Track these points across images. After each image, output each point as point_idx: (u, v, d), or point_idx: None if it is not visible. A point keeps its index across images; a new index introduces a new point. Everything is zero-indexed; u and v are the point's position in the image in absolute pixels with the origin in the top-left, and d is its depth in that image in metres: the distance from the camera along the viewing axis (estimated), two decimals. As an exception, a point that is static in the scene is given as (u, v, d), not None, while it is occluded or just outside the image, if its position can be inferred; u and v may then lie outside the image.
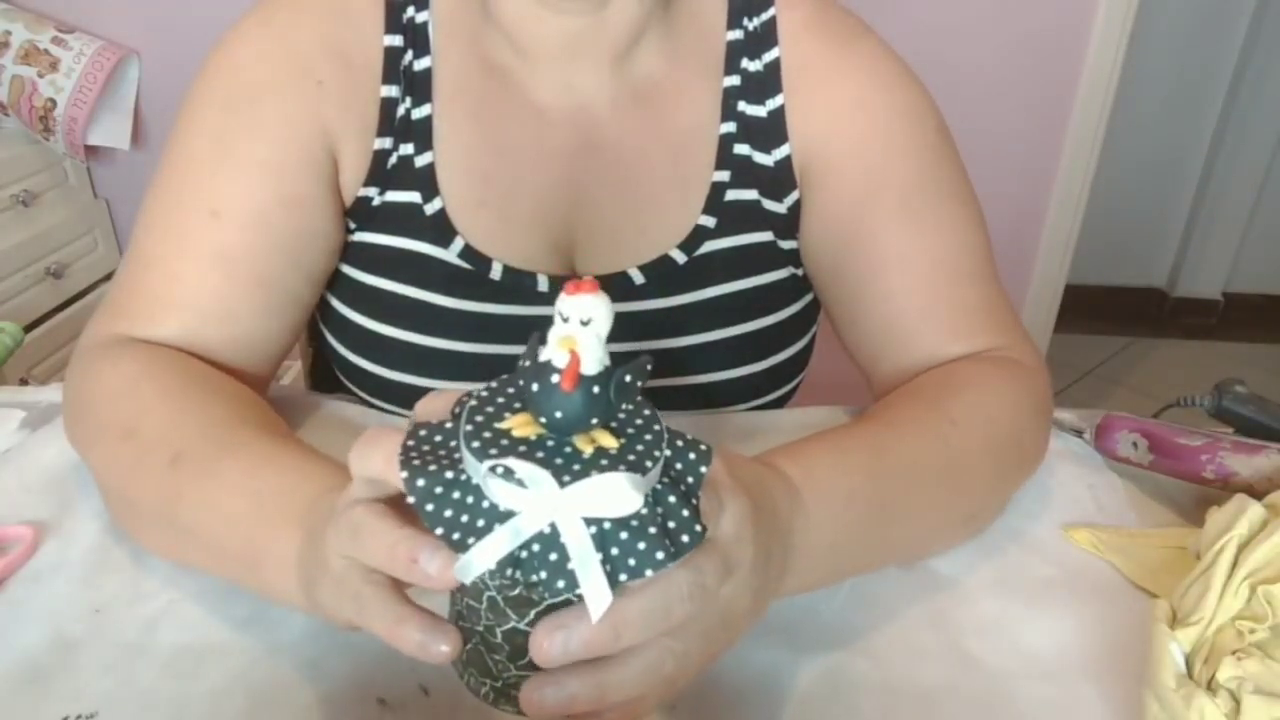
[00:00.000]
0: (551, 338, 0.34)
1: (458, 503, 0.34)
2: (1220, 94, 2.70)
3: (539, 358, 0.34)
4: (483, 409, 0.36)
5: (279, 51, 0.61)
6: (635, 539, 0.33)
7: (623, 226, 0.66)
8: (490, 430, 0.35)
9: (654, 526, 0.34)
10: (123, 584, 0.53)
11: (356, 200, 0.64)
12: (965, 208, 0.65)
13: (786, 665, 0.48)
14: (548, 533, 0.33)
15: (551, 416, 0.34)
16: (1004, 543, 0.58)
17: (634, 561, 0.33)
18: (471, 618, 0.36)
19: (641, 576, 0.34)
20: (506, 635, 0.36)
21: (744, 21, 0.66)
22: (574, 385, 0.33)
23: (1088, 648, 0.51)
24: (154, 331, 0.59)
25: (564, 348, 0.34)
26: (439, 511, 0.34)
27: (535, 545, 0.33)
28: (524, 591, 0.35)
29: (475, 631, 0.37)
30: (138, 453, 0.51)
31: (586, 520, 0.33)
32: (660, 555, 0.33)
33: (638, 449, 0.35)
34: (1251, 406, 0.63)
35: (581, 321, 0.33)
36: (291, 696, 0.46)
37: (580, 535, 0.33)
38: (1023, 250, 2.03)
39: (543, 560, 0.33)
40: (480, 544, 0.33)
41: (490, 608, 0.36)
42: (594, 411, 0.34)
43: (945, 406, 0.56)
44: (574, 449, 0.34)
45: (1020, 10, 1.80)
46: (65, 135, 1.65)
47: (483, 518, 0.33)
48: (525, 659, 0.36)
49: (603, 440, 0.35)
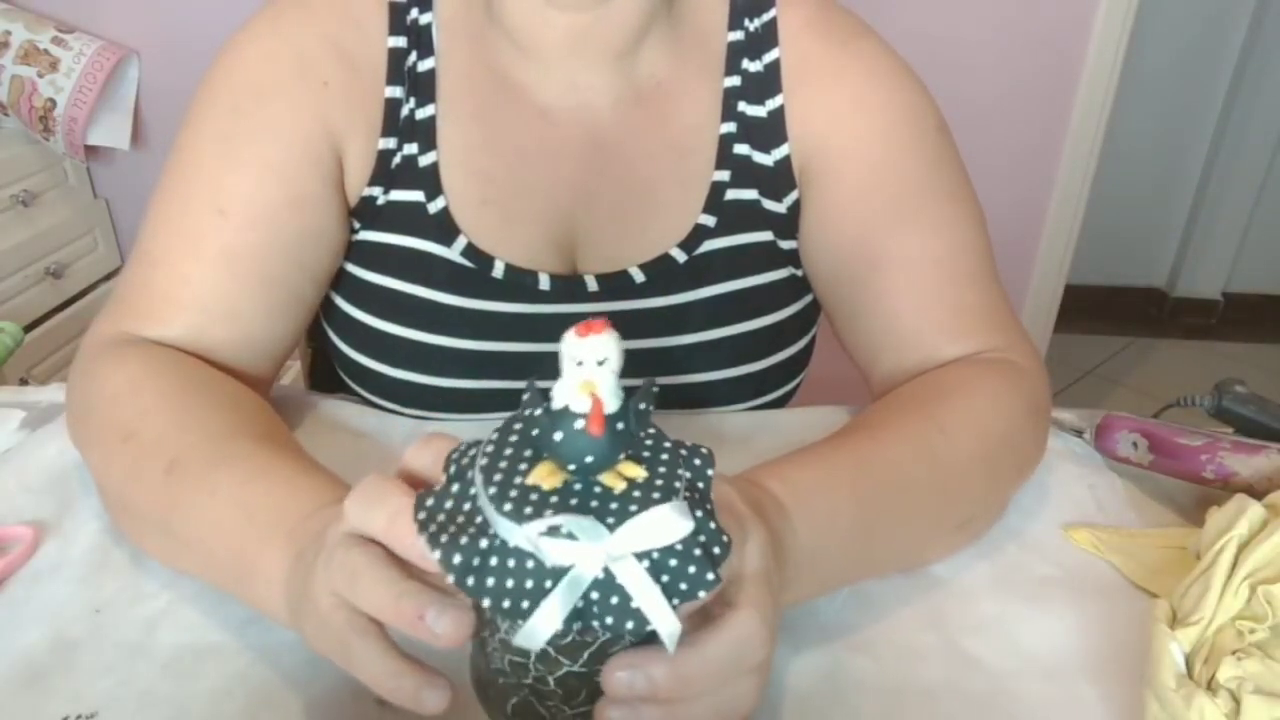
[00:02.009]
0: (568, 382, 0.33)
1: (499, 569, 0.33)
2: (1220, 94, 2.70)
3: (551, 404, 0.34)
4: (495, 466, 0.35)
5: (285, 53, 0.61)
6: (684, 564, 0.33)
7: (624, 225, 0.66)
8: (514, 488, 0.34)
9: (698, 548, 0.34)
10: (123, 584, 0.53)
11: (361, 200, 0.64)
12: (965, 207, 0.65)
13: (786, 665, 0.48)
14: (603, 578, 0.33)
15: (582, 463, 0.34)
16: (1004, 542, 0.58)
17: (686, 586, 0.33)
18: (518, 672, 0.36)
19: (695, 599, 0.33)
20: (559, 680, 0.35)
21: (745, 22, 0.66)
22: (603, 428, 0.33)
23: (1088, 648, 0.51)
24: (159, 331, 0.59)
25: (585, 392, 0.33)
26: (481, 582, 0.33)
27: (594, 593, 0.33)
28: (576, 637, 0.34)
29: (523, 685, 0.36)
30: (136, 456, 0.51)
31: (637, 555, 0.33)
32: (710, 576, 0.33)
33: (661, 472, 0.35)
34: (1251, 406, 0.63)
35: (598, 362, 0.33)
36: (291, 696, 0.46)
37: (639, 574, 0.33)
38: (1023, 250, 2.03)
39: (604, 606, 0.33)
40: (542, 607, 0.32)
41: (541, 659, 0.35)
42: (622, 447, 0.34)
43: (934, 413, 0.56)
44: (604, 488, 0.34)
45: (1020, 10, 1.80)
46: (65, 135, 1.65)
47: (530, 579, 0.33)
48: (580, 698, 0.36)
49: (629, 472, 0.35)
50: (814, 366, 0.76)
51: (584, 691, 0.36)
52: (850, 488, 0.49)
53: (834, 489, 0.48)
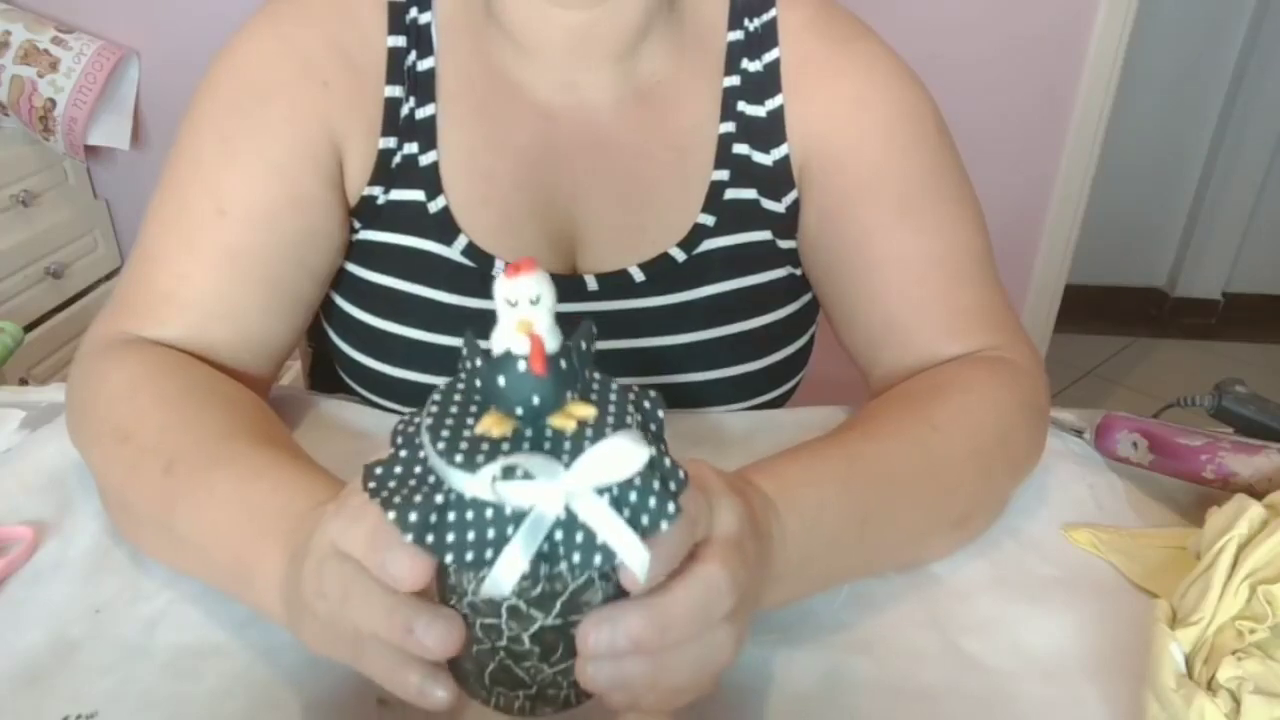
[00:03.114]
0: (503, 326, 0.33)
1: (457, 523, 0.32)
2: (1220, 94, 2.70)
3: (491, 352, 0.33)
4: (442, 424, 0.34)
5: (285, 53, 0.61)
6: (644, 498, 0.33)
7: (623, 224, 0.66)
8: (464, 440, 0.33)
9: (656, 481, 0.33)
10: (123, 584, 0.53)
11: (361, 199, 0.64)
12: (964, 207, 0.65)
13: (786, 665, 0.48)
14: (565, 518, 0.32)
15: (529, 404, 0.33)
16: (1003, 542, 0.58)
17: (648, 519, 0.33)
18: (491, 636, 0.35)
19: (658, 532, 0.33)
20: (534, 637, 0.35)
21: (745, 22, 0.66)
22: (545, 366, 0.33)
23: (1088, 648, 0.51)
24: (158, 330, 0.59)
25: (522, 332, 0.33)
26: (441, 538, 0.32)
27: (558, 534, 0.32)
28: (546, 585, 0.34)
29: (498, 649, 0.35)
30: (134, 457, 0.51)
31: (597, 492, 0.32)
32: (671, 507, 0.33)
33: (612, 411, 0.34)
34: (1251, 406, 0.63)
35: (531, 301, 0.33)
36: (291, 696, 0.46)
37: (601, 507, 0.32)
38: (1023, 250, 2.03)
39: (569, 544, 0.32)
40: (505, 552, 0.32)
41: (512, 616, 0.34)
42: (567, 386, 0.34)
43: (927, 411, 0.56)
44: (555, 431, 0.34)
45: (1020, 9, 1.80)
46: (65, 135, 1.65)
47: (491, 528, 0.32)
48: (558, 653, 0.35)
49: (579, 412, 0.34)
50: (814, 366, 0.76)
51: (561, 646, 0.35)
52: (839, 482, 0.49)
53: (822, 483, 0.48)
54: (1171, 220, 2.89)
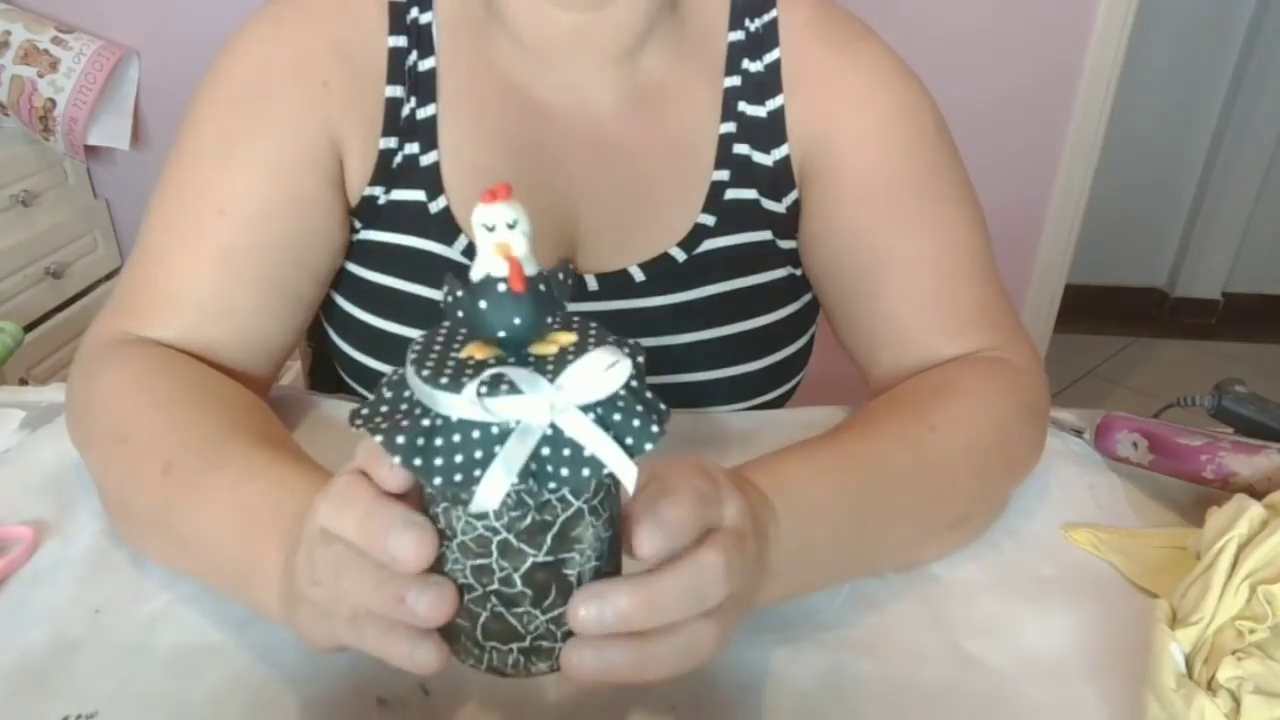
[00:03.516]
0: (482, 252, 0.33)
1: (445, 446, 0.32)
2: (1220, 94, 2.71)
3: (472, 280, 0.34)
4: (426, 356, 0.34)
5: (285, 53, 0.61)
6: (629, 417, 0.33)
7: (624, 225, 0.66)
8: (449, 366, 0.33)
9: (639, 404, 0.33)
10: (123, 584, 0.53)
11: (362, 200, 0.64)
12: (964, 207, 0.65)
13: (787, 665, 0.48)
14: (551, 435, 0.32)
15: (510, 325, 0.33)
16: (1003, 542, 0.58)
17: (633, 440, 0.33)
18: (482, 579, 0.35)
19: (643, 452, 0.33)
20: (526, 577, 0.35)
21: (746, 22, 0.66)
22: (524, 285, 0.33)
23: (1088, 648, 0.51)
24: (158, 330, 0.59)
25: (500, 254, 0.33)
26: (430, 461, 0.32)
27: (545, 450, 0.32)
28: (536, 516, 0.34)
29: (489, 595, 0.35)
30: (133, 458, 0.51)
31: (583, 410, 0.33)
32: (654, 428, 0.33)
33: (592, 337, 0.35)
34: (1251, 406, 0.63)
35: (509, 225, 0.33)
36: (291, 696, 0.46)
37: (586, 422, 0.32)
38: (1023, 250, 2.03)
39: (557, 460, 0.32)
40: (493, 466, 0.32)
41: (503, 553, 0.34)
42: (547, 309, 0.34)
43: (925, 411, 0.56)
44: (538, 358, 0.34)
45: (1020, 10, 1.80)
46: (65, 135, 1.65)
47: (478, 448, 0.32)
48: (550, 597, 0.35)
49: (562, 340, 0.35)
50: (814, 366, 0.76)
51: (554, 589, 0.35)
52: (835, 481, 0.49)
53: (818, 482, 0.48)
54: (1171, 220, 2.89)
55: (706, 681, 0.47)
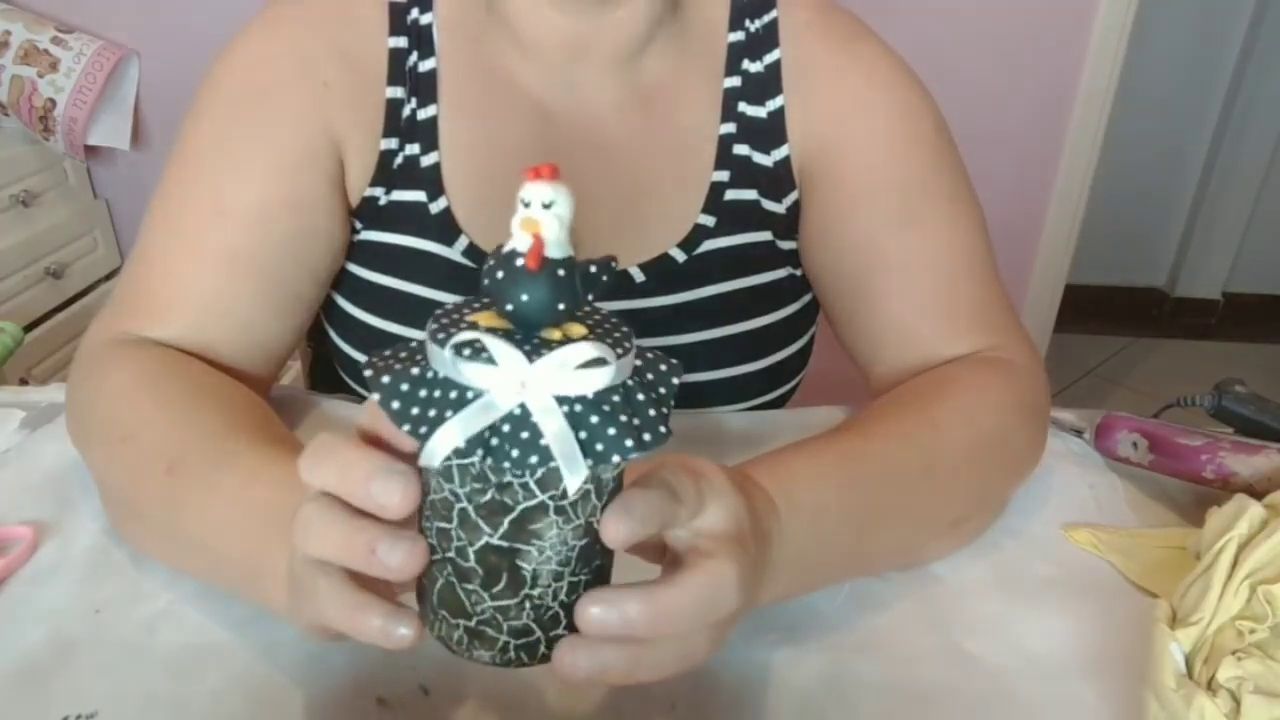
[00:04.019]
0: (514, 225, 0.33)
1: (425, 399, 0.33)
2: (1220, 94, 2.71)
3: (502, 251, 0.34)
4: (448, 315, 0.35)
5: (286, 54, 0.61)
6: (606, 424, 0.32)
7: (624, 225, 0.66)
8: (455, 325, 0.34)
9: (625, 415, 0.33)
10: (123, 584, 0.53)
11: (363, 200, 0.64)
12: (964, 208, 0.65)
13: (787, 665, 0.48)
14: (519, 414, 0.32)
15: (518, 301, 0.33)
16: (1003, 542, 0.58)
17: (602, 447, 0.32)
18: (443, 544, 0.35)
19: (608, 464, 0.33)
20: (479, 554, 0.34)
21: (746, 23, 0.66)
22: (539, 264, 0.33)
23: (1088, 648, 0.51)
24: (158, 331, 0.59)
25: (526, 230, 0.33)
26: (406, 409, 0.33)
27: (505, 426, 0.32)
28: (495, 495, 0.33)
29: (447, 561, 0.35)
30: (136, 458, 0.51)
31: (558, 401, 0.32)
32: (629, 443, 0.32)
33: (607, 341, 0.34)
34: (1251, 406, 0.63)
35: (544, 205, 0.33)
36: (291, 696, 0.46)
37: (553, 412, 0.32)
38: (1023, 250, 2.03)
39: (514, 439, 0.32)
40: (448, 422, 0.32)
41: (461, 523, 0.34)
42: (560, 296, 0.33)
43: (927, 411, 0.56)
44: (541, 339, 0.34)
45: (1020, 10, 1.80)
46: (65, 135, 1.65)
47: (450, 408, 0.32)
48: (500, 584, 0.35)
49: (572, 331, 0.34)
50: (814, 366, 0.76)
51: (505, 577, 0.34)
52: (837, 480, 0.49)
53: (820, 481, 0.48)
54: (1171, 220, 2.89)
55: (707, 681, 0.47)
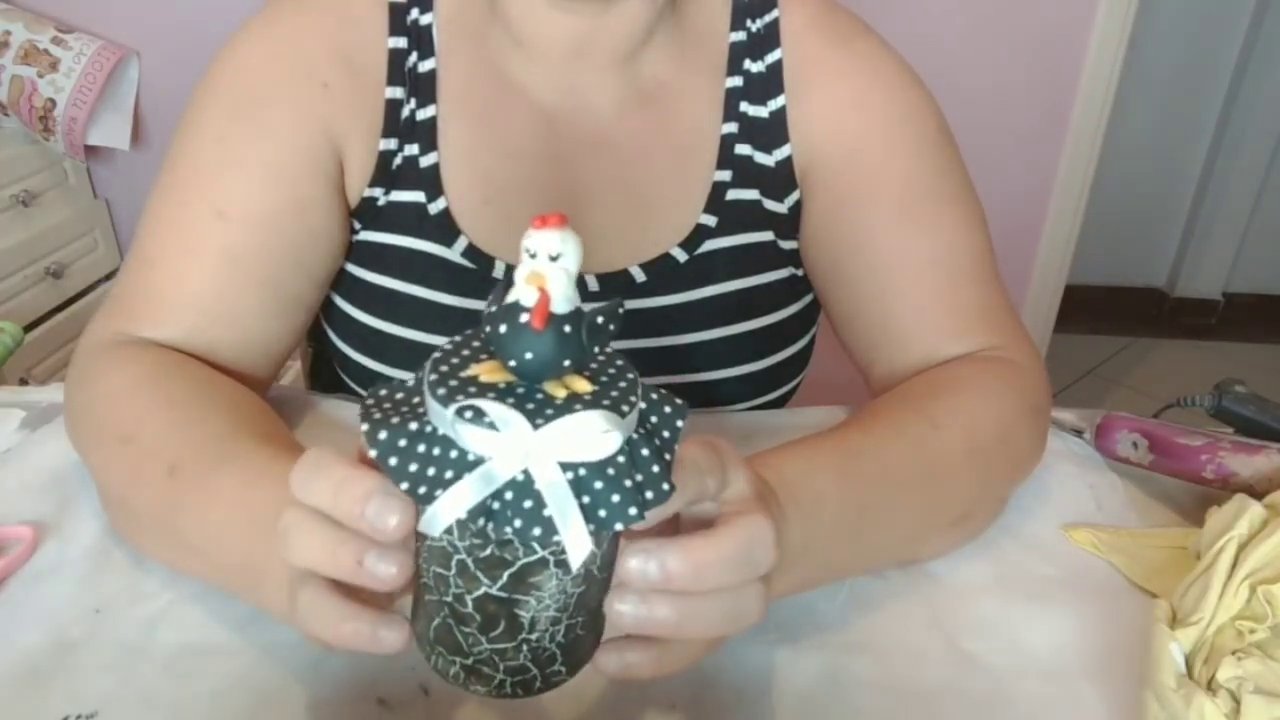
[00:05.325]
0: (518, 276, 0.32)
1: (423, 456, 0.32)
2: (1220, 94, 2.70)
3: (505, 301, 0.33)
4: (448, 360, 0.34)
5: (284, 54, 0.61)
6: (610, 490, 0.32)
7: (625, 225, 0.66)
8: (456, 378, 0.33)
9: (629, 479, 0.32)
10: (123, 584, 0.52)
11: (362, 201, 0.64)
12: (965, 208, 0.65)
13: (786, 664, 0.48)
14: (521, 480, 0.31)
15: (521, 358, 0.32)
16: (1003, 542, 0.58)
17: (604, 513, 0.32)
18: (440, 587, 0.34)
19: (609, 530, 0.32)
20: (478, 603, 0.34)
21: (747, 23, 0.66)
22: (545, 323, 0.32)
23: (1088, 648, 0.51)
24: (156, 331, 0.59)
25: (532, 285, 0.32)
26: (403, 466, 0.32)
27: (508, 494, 0.31)
28: (495, 551, 0.33)
29: (444, 603, 0.34)
30: (136, 459, 0.51)
31: (562, 466, 0.31)
32: (633, 510, 0.32)
33: (613, 394, 0.33)
34: (1251, 406, 0.63)
35: (550, 257, 0.32)
36: (291, 696, 0.46)
37: (556, 479, 0.31)
38: (1023, 250, 2.03)
39: (516, 509, 0.31)
40: (448, 492, 0.31)
41: (460, 572, 0.33)
42: (566, 353, 0.32)
43: (927, 409, 0.56)
44: (546, 395, 0.33)
45: (1020, 10, 1.80)
46: (65, 135, 1.65)
47: (451, 468, 0.31)
48: (498, 630, 0.34)
49: (576, 385, 0.33)
50: (814, 366, 0.76)
51: (502, 623, 0.34)
52: (838, 477, 0.49)
53: (821, 478, 0.48)
54: (1171, 220, 2.89)
55: (707, 681, 0.47)
